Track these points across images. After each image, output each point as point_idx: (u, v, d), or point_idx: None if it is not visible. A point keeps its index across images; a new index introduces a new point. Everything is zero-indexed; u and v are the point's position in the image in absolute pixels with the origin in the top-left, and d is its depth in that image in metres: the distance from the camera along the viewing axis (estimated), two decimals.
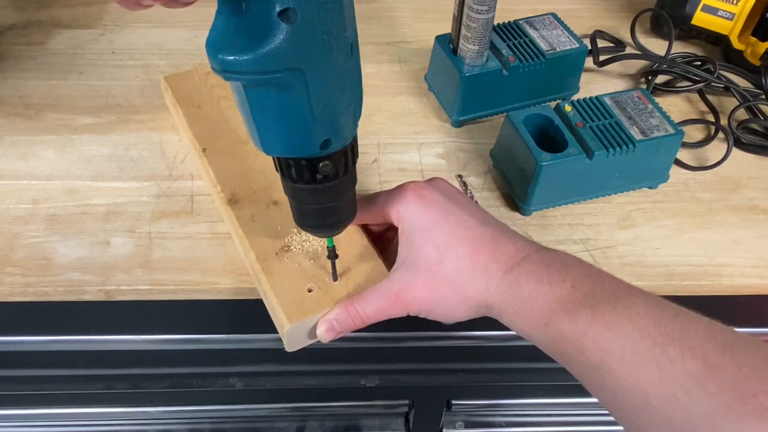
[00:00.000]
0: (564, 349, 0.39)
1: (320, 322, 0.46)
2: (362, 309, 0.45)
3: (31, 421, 0.76)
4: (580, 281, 0.40)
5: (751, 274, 0.55)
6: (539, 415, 0.80)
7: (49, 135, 0.63)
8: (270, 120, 0.37)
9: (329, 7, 0.33)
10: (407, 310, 0.45)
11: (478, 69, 0.63)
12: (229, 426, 0.81)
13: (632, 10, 0.79)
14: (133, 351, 0.64)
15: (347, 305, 0.45)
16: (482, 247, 0.43)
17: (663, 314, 0.37)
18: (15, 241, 0.54)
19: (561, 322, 0.39)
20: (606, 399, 0.38)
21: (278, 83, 0.34)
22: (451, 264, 0.43)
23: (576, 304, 0.39)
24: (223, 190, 0.54)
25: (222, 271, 0.53)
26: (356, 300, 0.45)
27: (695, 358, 0.34)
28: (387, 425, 0.81)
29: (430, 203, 0.45)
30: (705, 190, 0.62)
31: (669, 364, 0.34)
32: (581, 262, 0.43)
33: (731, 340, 0.35)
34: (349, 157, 0.41)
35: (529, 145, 0.55)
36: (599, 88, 0.71)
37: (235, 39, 0.33)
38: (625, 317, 0.37)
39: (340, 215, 0.44)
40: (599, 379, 0.38)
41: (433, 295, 0.44)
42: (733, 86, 0.70)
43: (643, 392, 0.35)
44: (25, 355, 0.65)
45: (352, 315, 0.45)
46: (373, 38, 0.77)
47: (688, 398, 0.33)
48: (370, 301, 0.45)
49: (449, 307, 0.44)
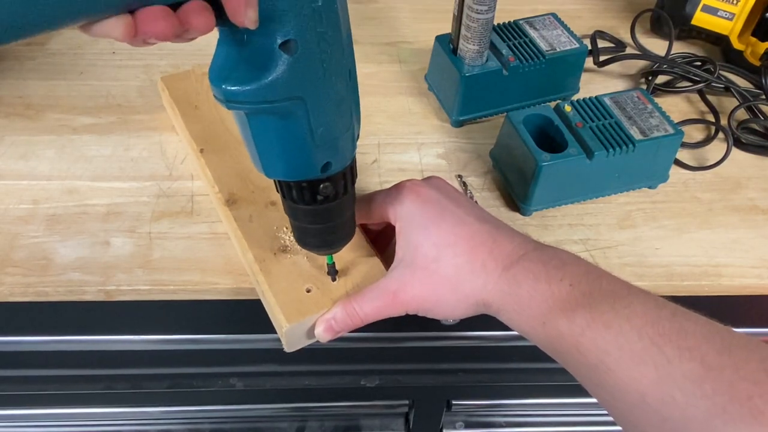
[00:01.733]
0: (562, 348, 0.39)
1: (319, 321, 0.46)
2: (360, 308, 0.45)
3: (31, 421, 0.76)
4: (578, 280, 0.40)
5: (751, 274, 0.55)
6: (539, 415, 0.80)
7: (49, 135, 0.63)
8: (271, 145, 0.37)
9: (329, 38, 0.34)
10: (405, 309, 0.45)
11: (478, 69, 0.63)
12: (229, 426, 0.81)
13: (632, 10, 0.79)
14: (133, 351, 0.64)
15: (345, 304, 0.45)
16: (480, 245, 0.43)
17: (661, 314, 0.37)
18: (15, 241, 0.54)
19: (559, 321, 0.39)
20: (603, 398, 0.38)
21: (280, 111, 0.35)
22: (448, 262, 0.43)
23: (574, 303, 0.39)
24: (221, 191, 0.54)
25: (222, 271, 0.53)
26: (354, 299, 0.45)
27: (693, 359, 0.34)
28: (387, 425, 0.81)
29: (427, 201, 0.45)
30: (705, 190, 0.62)
31: (666, 365, 0.34)
32: (579, 260, 0.43)
33: (729, 340, 0.35)
34: (348, 177, 0.42)
35: (529, 145, 0.55)
36: (599, 89, 0.71)
37: (238, 70, 0.34)
38: (623, 317, 0.37)
39: (341, 233, 0.44)
40: (597, 378, 0.38)
41: (431, 293, 0.44)
42: (733, 86, 0.70)
43: (640, 392, 0.35)
44: (25, 355, 0.65)
45: (351, 314, 0.45)
46: (373, 38, 0.77)
47: (685, 399, 0.33)
48: (369, 300, 0.45)
49: (447, 305, 0.44)
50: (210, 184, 0.55)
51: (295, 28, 0.33)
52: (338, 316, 0.45)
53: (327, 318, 0.45)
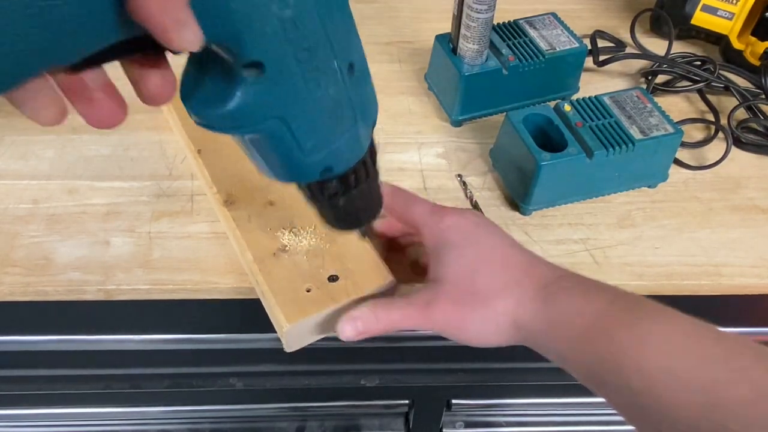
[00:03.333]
0: (601, 371, 0.37)
1: (344, 318, 0.44)
2: (388, 313, 0.43)
3: (31, 421, 0.76)
4: (619, 299, 0.39)
5: (751, 274, 0.55)
6: (539, 415, 0.80)
7: (49, 135, 0.63)
8: (264, 156, 0.35)
9: (309, 45, 0.29)
10: (433, 325, 0.43)
11: (478, 68, 0.63)
12: (229, 426, 0.81)
13: (632, 10, 0.79)
14: (132, 351, 0.64)
15: (374, 306, 0.44)
16: (515, 265, 0.42)
17: (707, 335, 0.35)
18: (15, 241, 0.54)
19: (599, 341, 0.37)
20: (645, 426, 0.36)
21: (259, 132, 0.32)
22: (481, 279, 0.42)
23: (616, 323, 0.37)
24: (219, 191, 0.54)
25: (222, 271, 0.53)
26: (383, 303, 0.44)
27: (743, 381, 0.32)
28: (387, 425, 0.81)
29: (465, 224, 0.44)
30: (705, 189, 0.62)
31: (714, 387, 0.33)
32: (618, 287, 0.41)
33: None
34: (361, 172, 0.38)
35: (529, 144, 0.55)
36: (599, 88, 0.71)
37: (203, 93, 0.30)
38: (667, 338, 0.35)
39: (365, 213, 0.42)
40: (640, 404, 0.35)
41: (461, 311, 0.42)
42: (733, 86, 0.69)
43: (691, 420, 0.33)
44: (25, 355, 0.65)
45: (378, 317, 0.43)
46: (373, 38, 0.77)
47: (739, 427, 0.31)
48: (398, 307, 0.43)
49: (476, 324, 0.42)
50: (208, 185, 0.55)
51: (259, 47, 0.27)
52: (365, 315, 0.43)
53: (354, 316, 0.44)
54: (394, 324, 0.43)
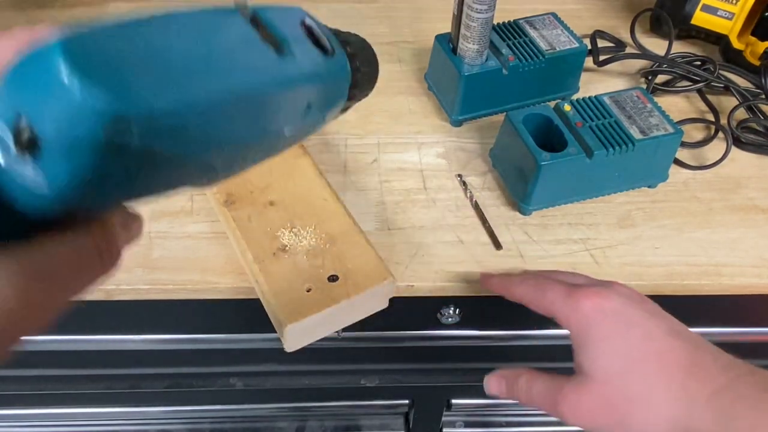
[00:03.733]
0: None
1: (494, 375, 0.44)
2: (529, 387, 0.43)
3: (31, 421, 0.76)
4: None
5: (751, 273, 0.55)
6: (539, 415, 0.80)
7: None
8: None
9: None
10: (570, 417, 0.41)
11: (478, 68, 0.63)
12: (229, 426, 0.81)
13: (632, 10, 0.79)
14: (133, 351, 0.64)
15: (520, 375, 0.43)
16: (674, 363, 0.39)
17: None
18: None
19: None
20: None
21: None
22: (636, 379, 0.39)
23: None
24: (219, 191, 0.54)
25: (222, 271, 0.53)
26: (529, 375, 0.43)
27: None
28: (387, 425, 0.81)
29: (610, 310, 0.41)
30: (705, 189, 0.62)
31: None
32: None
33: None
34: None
35: (529, 144, 0.55)
36: (599, 88, 0.71)
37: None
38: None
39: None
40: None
41: (614, 415, 0.39)
42: (733, 86, 0.69)
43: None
44: (25, 355, 0.65)
45: (520, 386, 0.43)
46: (373, 38, 0.76)
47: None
48: (542, 382, 0.42)
49: (636, 427, 0.39)
50: None
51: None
52: (510, 379, 0.43)
53: (504, 375, 0.44)
54: (530, 399, 0.43)
